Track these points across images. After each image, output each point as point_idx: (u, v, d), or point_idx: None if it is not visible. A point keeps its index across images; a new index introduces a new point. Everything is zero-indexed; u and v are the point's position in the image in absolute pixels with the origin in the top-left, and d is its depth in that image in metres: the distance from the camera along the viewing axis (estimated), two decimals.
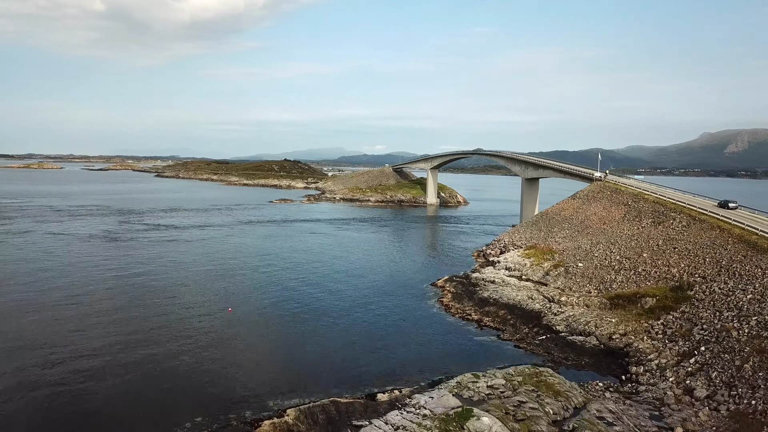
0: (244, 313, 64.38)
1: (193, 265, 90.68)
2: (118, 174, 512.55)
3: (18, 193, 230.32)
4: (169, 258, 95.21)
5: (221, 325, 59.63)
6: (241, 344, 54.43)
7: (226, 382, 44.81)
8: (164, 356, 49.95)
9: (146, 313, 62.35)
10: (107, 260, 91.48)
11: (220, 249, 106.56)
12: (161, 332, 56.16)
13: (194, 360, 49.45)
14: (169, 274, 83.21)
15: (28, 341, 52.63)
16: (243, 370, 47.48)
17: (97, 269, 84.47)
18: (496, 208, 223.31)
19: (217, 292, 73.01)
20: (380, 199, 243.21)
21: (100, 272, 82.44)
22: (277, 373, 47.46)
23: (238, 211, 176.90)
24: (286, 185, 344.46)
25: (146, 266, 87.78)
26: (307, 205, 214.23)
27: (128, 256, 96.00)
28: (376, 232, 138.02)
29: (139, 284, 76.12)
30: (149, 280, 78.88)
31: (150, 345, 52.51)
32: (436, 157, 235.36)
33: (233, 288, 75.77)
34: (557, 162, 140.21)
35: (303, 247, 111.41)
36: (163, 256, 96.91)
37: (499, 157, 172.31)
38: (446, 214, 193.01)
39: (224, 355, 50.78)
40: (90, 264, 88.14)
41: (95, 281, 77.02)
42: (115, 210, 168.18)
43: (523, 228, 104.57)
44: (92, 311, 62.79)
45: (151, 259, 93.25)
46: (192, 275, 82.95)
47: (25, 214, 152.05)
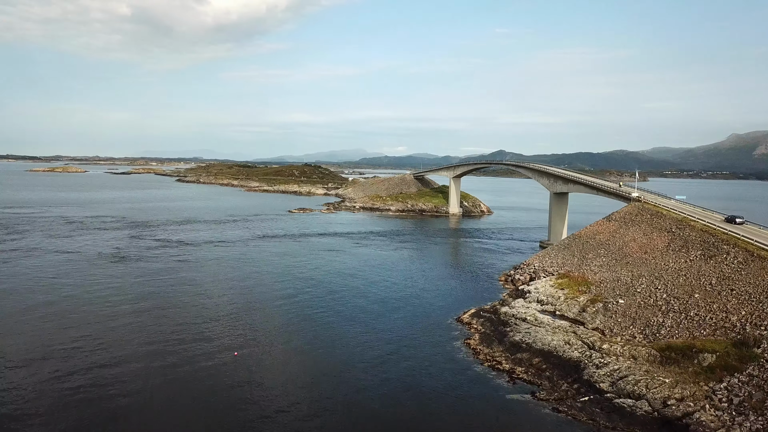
0: (250, 355, 58.59)
1: (199, 295, 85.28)
2: (139, 178, 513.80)
3: (36, 201, 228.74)
4: (176, 285, 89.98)
5: (225, 370, 53.90)
6: (242, 393, 48.61)
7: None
8: (161, 407, 44.33)
9: (143, 352, 56.91)
10: (110, 290, 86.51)
11: (230, 274, 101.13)
12: (156, 380, 50.61)
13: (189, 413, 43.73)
14: (172, 306, 77.83)
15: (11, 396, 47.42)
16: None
17: (97, 304, 79.42)
18: (521, 218, 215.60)
19: (222, 329, 67.34)
20: (401, 208, 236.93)
21: (99, 308, 77.36)
22: None
23: (255, 224, 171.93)
24: (306, 191, 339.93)
25: (150, 297, 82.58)
26: (325, 215, 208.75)
27: (134, 283, 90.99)
28: (396, 249, 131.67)
29: (139, 321, 70.83)
30: (150, 313, 73.57)
31: (145, 393, 46.99)
32: (459, 165, 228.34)
33: (241, 323, 70.07)
34: (588, 177, 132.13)
35: (317, 270, 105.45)
36: (169, 282, 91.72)
37: (526, 169, 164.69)
38: (469, 227, 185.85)
39: (226, 398, 44.97)
40: (91, 298, 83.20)
41: (93, 322, 71.90)
42: (130, 222, 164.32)
43: (554, 252, 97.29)
44: (85, 358, 57.49)
45: (156, 287, 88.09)
46: (197, 309, 77.45)
47: (36, 226, 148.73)
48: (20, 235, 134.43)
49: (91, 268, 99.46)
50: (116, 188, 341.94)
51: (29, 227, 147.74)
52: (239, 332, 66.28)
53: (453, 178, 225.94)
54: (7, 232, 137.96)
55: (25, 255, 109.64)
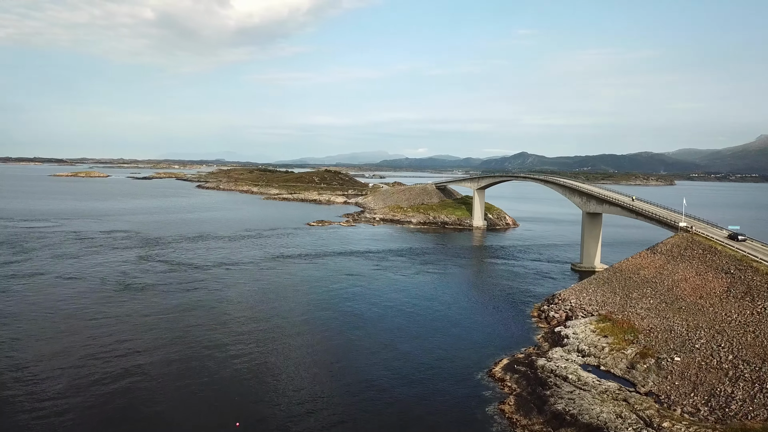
0: (253, 424, 51.20)
1: (201, 336, 78.23)
2: (160, 184, 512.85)
3: (53, 212, 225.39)
4: (178, 324, 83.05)
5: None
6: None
7: None
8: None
9: (137, 399, 49.86)
10: (107, 328, 79.94)
11: (239, 306, 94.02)
12: None
13: None
14: (172, 352, 70.86)
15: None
16: None
17: (92, 346, 72.81)
18: (548, 233, 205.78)
19: (223, 379, 60.07)
20: (422, 220, 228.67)
21: (92, 348, 70.71)
22: None
23: (271, 240, 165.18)
24: (326, 200, 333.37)
25: (145, 339, 75.75)
26: (344, 229, 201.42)
27: (133, 319, 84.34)
28: (417, 273, 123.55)
29: (134, 367, 63.91)
30: (147, 357, 66.65)
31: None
32: (483, 177, 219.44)
33: (246, 371, 62.74)
34: (626, 199, 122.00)
35: (330, 303, 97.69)
36: (172, 321, 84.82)
37: (556, 185, 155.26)
38: (495, 243, 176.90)
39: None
40: (85, 338, 76.69)
41: (85, 365, 65.19)
42: (141, 239, 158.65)
43: (593, 286, 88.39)
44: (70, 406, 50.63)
45: (154, 326, 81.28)
46: (200, 350, 70.37)
47: (45, 244, 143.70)
48: (26, 255, 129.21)
49: (90, 301, 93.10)
50: (135, 196, 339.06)
51: (38, 245, 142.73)
52: (247, 378, 58.98)
53: (477, 190, 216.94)
54: (14, 252, 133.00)
55: (24, 282, 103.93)
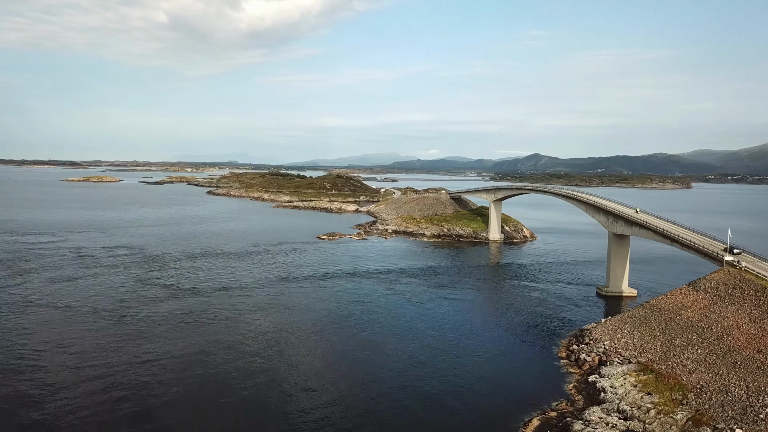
0: None
1: (195, 379, 70.82)
2: (171, 190, 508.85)
3: (58, 224, 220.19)
4: (170, 365, 75.75)
5: None
6: None
7: None
8: None
9: None
10: (92, 368, 72.79)
11: (238, 342, 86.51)
12: None
13: None
14: (168, 402, 63.51)
15: None
16: None
17: (69, 392, 65.65)
18: (569, 247, 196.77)
19: None
20: (436, 232, 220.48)
21: (76, 397, 63.54)
22: None
23: (279, 258, 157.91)
24: (337, 208, 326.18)
25: (136, 384, 68.45)
26: (356, 243, 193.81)
27: (124, 358, 77.16)
28: (431, 299, 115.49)
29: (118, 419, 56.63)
30: (133, 404, 59.33)
31: None
32: (500, 189, 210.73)
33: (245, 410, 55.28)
34: (662, 222, 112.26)
35: (335, 339, 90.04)
36: (165, 365, 77.56)
37: (579, 202, 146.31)
38: (513, 261, 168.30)
39: None
40: (69, 382, 69.58)
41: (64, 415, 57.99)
42: (144, 257, 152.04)
43: (628, 327, 79.88)
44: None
45: (147, 368, 74.01)
46: (193, 400, 62.96)
47: (42, 264, 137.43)
48: (20, 278, 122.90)
49: (78, 338, 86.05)
50: (144, 205, 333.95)
51: (35, 265, 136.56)
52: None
53: (494, 202, 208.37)
54: (9, 274, 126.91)
55: (11, 311, 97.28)
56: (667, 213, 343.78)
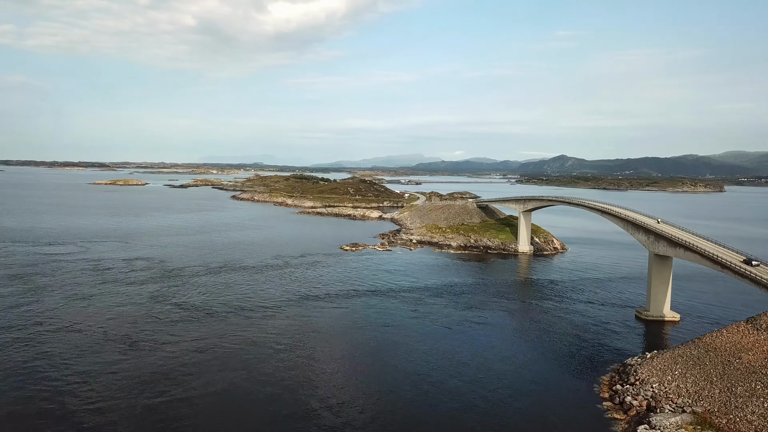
0: None
1: (206, 415, 65.40)
2: (195, 194, 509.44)
3: (79, 233, 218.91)
4: (181, 403, 70.52)
5: None
6: None
7: None
8: None
9: None
10: (98, 405, 67.88)
11: (255, 371, 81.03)
12: None
13: None
14: None
15: None
16: None
17: None
18: (601, 260, 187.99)
19: None
20: (463, 243, 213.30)
21: None
22: None
23: (300, 272, 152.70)
24: (360, 215, 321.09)
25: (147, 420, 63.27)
26: (379, 255, 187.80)
27: (132, 393, 72.21)
28: (458, 323, 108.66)
29: None
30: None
31: None
32: (530, 199, 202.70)
33: None
34: (710, 246, 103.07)
35: (362, 364, 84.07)
36: (174, 397, 72.36)
37: (616, 218, 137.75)
38: (543, 277, 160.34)
39: None
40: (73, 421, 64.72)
41: None
42: (162, 271, 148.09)
43: (679, 367, 72.23)
44: None
45: (156, 409, 68.88)
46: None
47: (58, 279, 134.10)
48: (34, 295, 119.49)
49: (86, 366, 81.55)
50: (168, 211, 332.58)
51: (50, 281, 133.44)
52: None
53: (523, 213, 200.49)
54: (24, 290, 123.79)
55: (18, 336, 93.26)
56: (702, 222, 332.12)
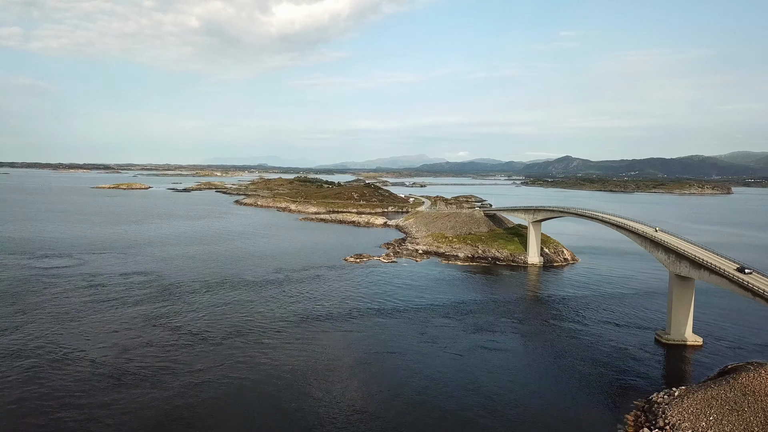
0: None
1: None
2: (198, 199, 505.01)
3: (76, 243, 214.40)
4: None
5: None
6: None
7: None
8: None
9: None
10: None
11: (256, 409, 75.31)
12: None
13: None
14: None
15: None
16: None
17: None
18: (614, 272, 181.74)
19: None
20: (470, 254, 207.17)
21: None
22: None
23: (301, 287, 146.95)
24: (365, 222, 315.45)
25: None
26: (384, 267, 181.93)
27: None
28: (468, 349, 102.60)
29: None
30: None
31: None
32: (540, 209, 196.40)
33: None
34: (739, 275, 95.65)
35: (365, 398, 78.20)
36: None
37: (634, 234, 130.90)
38: (555, 293, 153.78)
39: None
40: None
41: None
42: (158, 288, 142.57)
43: (714, 412, 65.99)
44: None
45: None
46: None
47: (50, 295, 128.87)
48: (22, 316, 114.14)
49: (69, 403, 75.97)
50: (169, 217, 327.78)
51: (41, 298, 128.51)
52: None
53: (533, 223, 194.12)
54: (12, 311, 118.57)
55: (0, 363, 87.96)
56: (715, 228, 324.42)
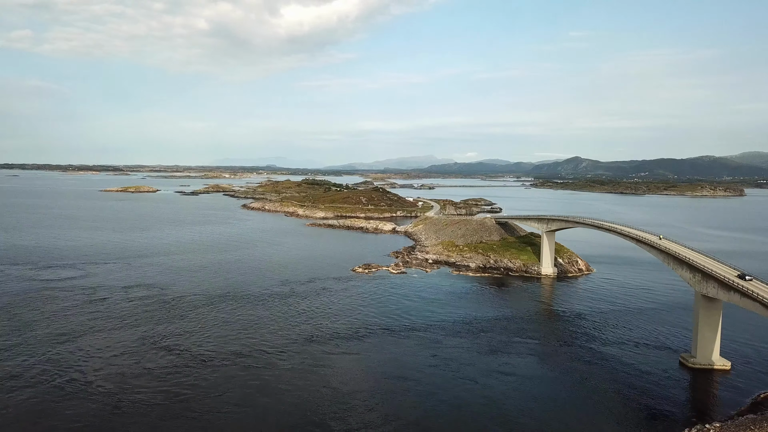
0: None
1: None
2: (206, 203, 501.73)
3: (80, 253, 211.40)
4: None
5: None
6: None
7: None
8: None
9: None
10: None
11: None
12: None
13: None
14: None
15: None
16: None
17: None
18: (631, 284, 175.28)
19: None
20: (482, 264, 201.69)
21: None
22: None
23: (307, 303, 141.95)
24: (373, 228, 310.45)
25: None
26: (393, 278, 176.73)
27: None
28: (483, 374, 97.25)
29: None
30: None
31: None
32: (554, 219, 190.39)
33: None
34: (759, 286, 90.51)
35: None
36: None
37: (656, 250, 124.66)
38: (570, 308, 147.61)
39: None
40: None
41: None
42: (162, 302, 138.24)
43: None
44: None
45: None
46: None
47: (47, 312, 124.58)
48: (17, 336, 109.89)
49: None
50: (176, 223, 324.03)
51: (39, 314, 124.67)
52: None
53: (546, 233, 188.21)
54: (8, 329, 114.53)
55: None
56: (733, 234, 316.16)
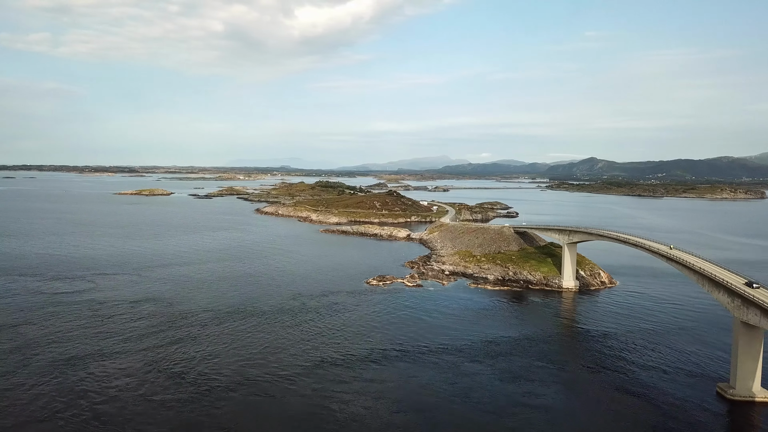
0: None
1: None
2: (219, 207, 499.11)
3: (90, 261, 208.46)
4: None
5: None
6: None
7: None
8: None
9: None
10: None
11: None
12: None
13: None
14: None
15: None
16: None
17: None
18: (658, 299, 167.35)
19: None
20: (500, 275, 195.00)
21: None
22: None
23: (320, 321, 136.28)
24: (387, 235, 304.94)
25: None
26: (409, 291, 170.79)
27: None
28: (505, 407, 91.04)
29: None
30: None
31: None
32: (576, 231, 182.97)
33: None
34: None
35: None
36: None
37: (689, 270, 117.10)
38: (594, 327, 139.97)
39: None
40: None
41: None
42: (168, 319, 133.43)
43: None
44: None
45: None
46: None
47: (51, 330, 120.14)
48: (16, 356, 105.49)
49: None
50: (187, 230, 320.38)
51: (40, 332, 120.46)
52: None
53: (568, 245, 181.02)
54: (7, 349, 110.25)
55: None
56: (753, 241, 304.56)
